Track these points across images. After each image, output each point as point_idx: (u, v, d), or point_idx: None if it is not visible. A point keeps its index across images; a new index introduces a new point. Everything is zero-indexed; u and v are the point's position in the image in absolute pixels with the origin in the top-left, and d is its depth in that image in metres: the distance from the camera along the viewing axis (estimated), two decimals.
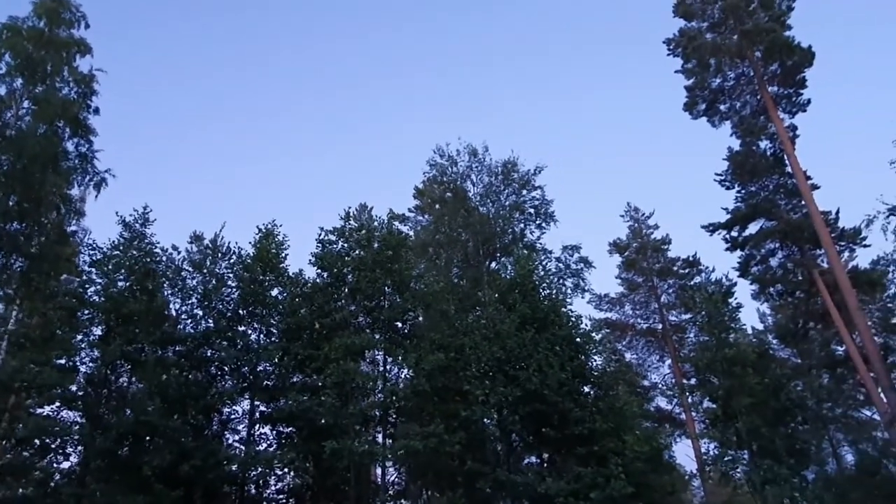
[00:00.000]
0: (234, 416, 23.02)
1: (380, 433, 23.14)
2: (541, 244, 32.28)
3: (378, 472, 23.77)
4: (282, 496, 22.99)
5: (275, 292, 24.54)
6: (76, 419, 20.29)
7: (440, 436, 19.81)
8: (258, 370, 22.99)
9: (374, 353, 24.83)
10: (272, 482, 22.65)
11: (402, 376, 23.76)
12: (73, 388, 20.36)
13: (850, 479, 26.06)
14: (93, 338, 21.20)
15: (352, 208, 26.06)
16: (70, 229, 24.48)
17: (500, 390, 21.24)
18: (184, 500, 18.81)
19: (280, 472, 22.23)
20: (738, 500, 26.49)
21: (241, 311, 23.56)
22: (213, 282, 23.79)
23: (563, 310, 24.12)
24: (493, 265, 30.83)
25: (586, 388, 22.95)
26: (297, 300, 24.44)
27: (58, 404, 20.00)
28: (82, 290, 21.84)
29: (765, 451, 21.46)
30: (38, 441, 19.30)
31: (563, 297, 25.62)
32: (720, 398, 22.72)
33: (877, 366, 24.13)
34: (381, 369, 23.91)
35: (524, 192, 32.87)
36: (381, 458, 21.34)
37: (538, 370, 21.26)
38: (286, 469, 21.78)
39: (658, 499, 21.57)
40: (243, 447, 21.82)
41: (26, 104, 22.15)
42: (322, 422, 20.99)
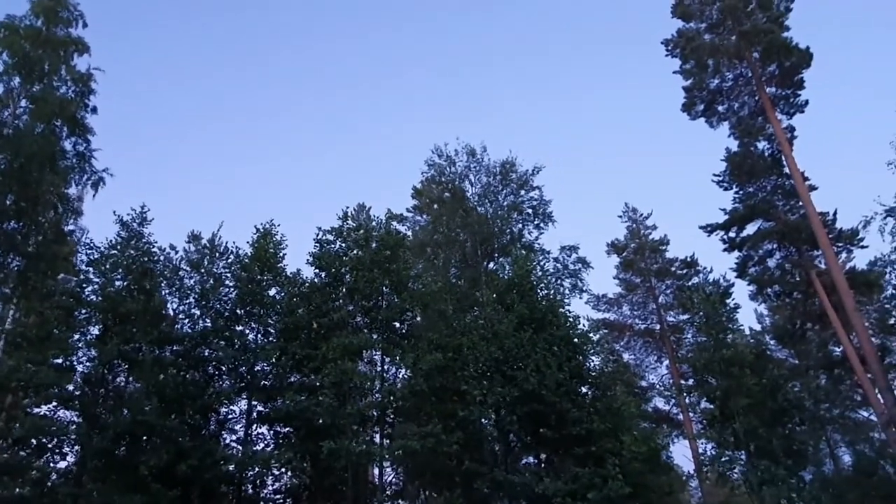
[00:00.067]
0: (231, 416, 23.01)
1: (377, 433, 23.10)
2: (539, 244, 32.40)
3: (376, 472, 23.74)
4: (279, 496, 22.92)
5: (272, 292, 24.52)
6: (73, 419, 20.26)
7: (438, 436, 19.82)
8: (256, 370, 22.95)
9: (372, 352, 24.76)
10: (269, 482, 22.59)
11: (400, 376, 23.76)
12: (70, 387, 20.30)
13: (848, 480, 26.07)
14: (90, 337, 21.15)
15: (350, 208, 26.11)
16: (67, 228, 24.41)
17: (497, 390, 21.26)
18: (181, 499, 18.77)
19: (277, 472, 22.14)
20: (736, 500, 26.51)
21: (238, 311, 23.53)
22: (211, 281, 23.73)
23: (561, 310, 24.13)
24: (491, 265, 30.84)
25: (584, 389, 22.95)
26: (295, 300, 24.42)
27: (55, 404, 19.97)
28: (79, 290, 21.79)
29: (762, 452, 21.47)
30: (34, 440, 19.22)
31: (560, 297, 25.70)
32: (718, 399, 22.73)
33: (874, 367, 24.20)
34: (379, 369, 23.87)
35: (522, 192, 32.94)
36: (379, 458, 21.31)
37: (536, 370, 21.27)
38: (283, 469, 21.71)
39: (655, 499, 21.59)
40: (240, 447, 21.79)
41: (23, 103, 22.09)
42: (320, 422, 20.94)
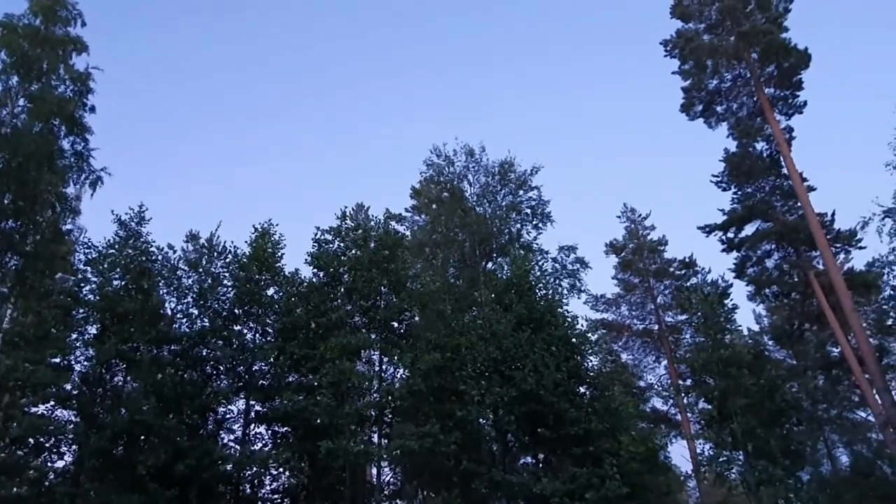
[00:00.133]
0: (229, 416, 22.99)
1: (375, 433, 23.10)
2: (537, 244, 32.45)
3: (374, 472, 23.76)
4: (277, 496, 22.91)
5: (271, 292, 24.46)
6: (71, 418, 20.23)
7: (436, 436, 19.82)
8: (254, 369, 22.93)
9: (370, 352, 24.79)
10: (267, 482, 22.57)
11: (398, 376, 23.78)
12: (68, 386, 20.24)
13: (845, 481, 26.08)
14: (88, 336, 21.10)
15: (348, 208, 26.07)
16: (65, 228, 24.42)
17: (495, 390, 21.26)
18: (178, 499, 18.77)
19: (275, 472, 22.13)
20: (733, 501, 26.52)
21: (236, 311, 23.49)
22: (209, 281, 23.70)
23: (560, 310, 24.13)
24: (489, 265, 30.85)
25: (582, 389, 22.96)
26: (293, 300, 24.39)
27: (52, 403, 19.90)
28: (77, 289, 21.76)
29: (760, 452, 21.48)
30: (32, 440, 19.19)
31: (559, 297, 25.71)
32: (716, 399, 22.74)
33: (872, 367, 24.23)
34: (377, 369, 23.86)
35: (521, 192, 32.99)
36: (377, 457, 21.31)
37: (534, 370, 21.28)
38: (281, 469, 21.69)
39: (653, 499, 21.59)
40: (238, 447, 21.76)
41: (22, 102, 22.09)
42: (318, 421, 20.92)
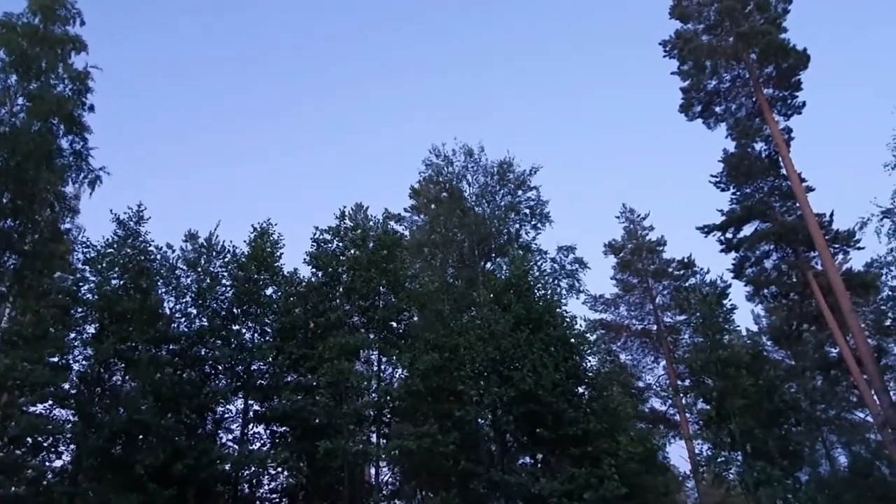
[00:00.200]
0: (227, 415, 22.94)
1: (374, 433, 23.11)
2: (536, 245, 32.47)
3: (372, 472, 23.74)
4: (275, 496, 22.92)
5: (269, 291, 24.43)
6: (69, 417, 20.17)
7: (434, 436, 19.80)
8: (252, 369, 22.89)
9: (369, 352, 24.75)
10: (265, 481, 22.58)
11: (397, 376, 23.73)
12: (66, 386, 20.17)
13: (843, 481, 26.15)
14: (86, 336, 21.04)
15: (347, 207, 26.04)
16: (64, 227, 24.47)
17: (494, 390, 21.26)
18: (176, 499, 18.74)
19: (273, 472, 22.12)
20: (732, 501, 26.57)
21: (235, 310, 23.46)
22: (208, 280, 23.64)
23: (558, 310, 24.11)
24: (488, 265, 30.85)
25: (580, 389, 22.96)
26: (292, 299, 24.37)
27: (50, 402, 19.85)
28: (76, 288, 21.69)
29: (758, 453, 21.52)
30: (30, 439, 19.15)
31: (557, 297, 25.67)
32: (714, 399, 22.78)
33: (870, 368, 24.27)
34: (376, 369, 23.83)
35: (520, 192, 33.00)
36: (375, 457, 21.32)
37: (532, 371, 21.27)
38: (280, 468, 21.68)
39: (651, 499, 21.59)
40: (237, 446, 21.72)
41: (20, 101, 22.11)
42: (316, 421, 20.89)
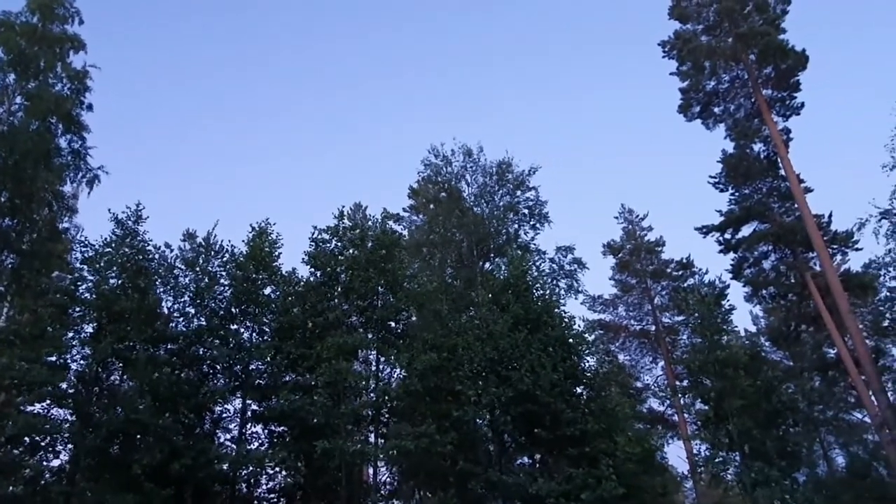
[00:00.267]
0: (225, 415, 22.91)
1: (372, 433, 23.08)
2: (534, 245, 32.48)
3: (370, 472, 23.73)
4: (273, 495, 22.91)
5: (268, 291, 24.39)
6: (66, 417, 20.11)
7: (432, 436, 19.79)
8: (250, 369, 22.87)
9: (367, 352, 24.72)
10: (263, 481, 22.58)
11: (395, 376, 23.67)
12: (64, 385, 20.13)
13: (841, 482, 26.21)
14: (84, 335, 20.99)
15: (346, 207, 26.11)
16: (62, 226, 24.39)
17: (492, 391, 21.26)
18: (174, 498, 18.70)
19: (271, 472, 22.12)
20: (729, 501, 26.62)
21: (233, 310, 23.42)
22: (206, 280, 23.61)
23: (557, 311, 24.12)
24: (486, 265, 30.85)
25: (579, 389, 22.95)
26: (290, 299, 24.35)
27: (48, 402, 19.77)
28: (74, 288, 21.66)
29: (756, 453, 21.54)
30: (27, 439, 19.08)
31: (556, 297, 25.64)
32: (712, 400, 22.80)
33: (867, 369, 24.29)
34: (374, 369, 23.81)
35: (518, 192, 33.01)
36: (373, 457, 21.29)
37: (531, 371, 21.27)
38: (277, 468, 21.67)
39: (649, 500, 21.60)
40: (234, 446, 21.68)
41: (19, 100, 22.05)
42: (314, 421, 20.86)
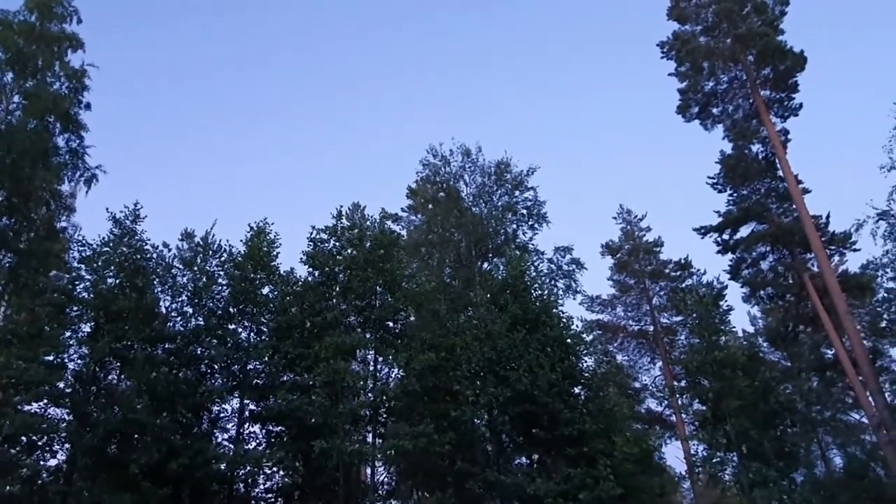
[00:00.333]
0: (223, 415, 22.84)
1: (370, 433, 23.06)
2: (533, 245, 32.47)
3: (368, 471, 23.70)
4: (270, 495, 22.86)
5: (266, 290, 24.38)
6: (64, 416, 20.07)
7: (430, 436, 19.76)
8: (248, 368, 22.85)
9: (365, 352, 24.72)
10: (261, 481, 22.51)
11: (393, 376, 23.68)
12: (61, 385, 20.12)
13: (839, 482, 26.19)
14: (81, 335, 20.95)
15: (344, 207, 26.06)
16: (60, 225, 24.43)
17: (490, 391, 21.25)
18: (171, 498, 18.67)
19: (269, 471, 22.06)
20: (727, 502, 26.63)
21: (231, 309, 23.39)
22: (204, 279, 23.57)
23: (555, 311, 24.12)
24: (485, 265, 30.85)
25: (577, 390, 22.96)
26: (288, 299, 24.33)
27: (45, 401, 19.73)
28: (71, 287, 21.59)
29: (753, 454, 21.54)
30: (24, 438, 19.04)
31: (554, 298, 25.64)
32: (710, 400, 22.79)
33: (865, 369, 24.32)
34: (372, 369, 23.82)
35: (517, 192, 33.02)
36: (371, 457, 21.27)
37: (529, 371, 21.26)
38: (275, 468, 21.62)
39: (647, 500, 21.59)
40: (232, 446, 21.67)
41: (16, 99, 22.07)
42: (312, 421, 20.86)
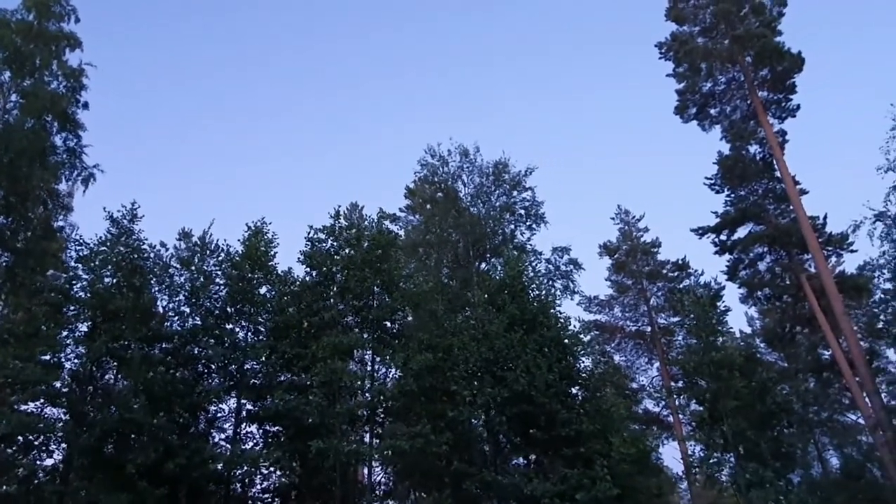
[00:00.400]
0: (220, 415, 22.80)
1: (367, 433, 23.06)
2: (531, 245, 32.44)
3: (365, 472, 23.70)
4: (267, 495, 22.82)
5: (263, 290, 24.35)
6: (60, 416, 20.02)
7: (427, 436, 19.78)
8: (245, 368, 22.80)
9: (363, 352, 24.73)
10: (258, 481, 22.47)
11: (390, 376, 23.70)
12: (58, 384, 20.04)
13: (835, 483, 26.20)
14: (78, 334, 20.91)
15: (342, 207, 26.02)
16: (57, 224, 24.41)
17: (487, 391, 21.25)
18: (168, 498, 18.64)
19: (266, 471, 22.02)
20: (724, 502, 26.64)
21: (228, 309, 23.35)
22: (201, 279, 23.53)
23: (552, 311, 24.11)
24: (482, 266, 30.85)
25: (574, 390, 22.96)
26: (286, 298, 24.28)
27: (42, 401, 19.69)
28: (68, 286, 21.55)
29: (750, 454, 21.55)
30: (21, 438, 18.99)
31: (552, 298, 25.64)
32: (707, 401, 22.79)
33: (862, 370, 24.38)
34: (369, 369, 23.83)
35: (515, 193, 33.01)
36: (368, 457, 21.29)
37: (526, 371, 21.26)
38: (272, 468, 21.60)
39: (644, 500, 21.64)
40: (229, 445, 21.65)
41: (14, 97, 22.05)
42: (309, 421, 20.81)
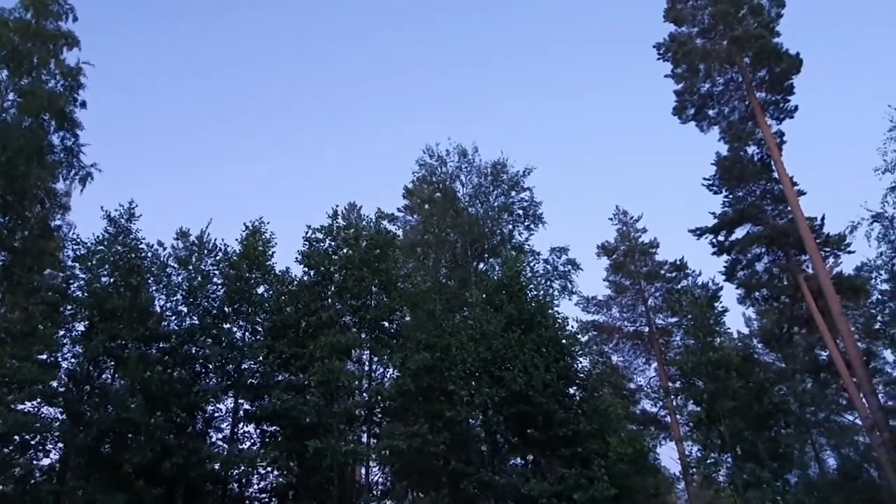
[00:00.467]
0: (217, 414, 22.76)
1: (364, 433, 23.02)
2: (529, 245, 32.47)
3: (362, 471, 23.68)
4: (265, 495, 22.78)
5: (261, 290, 24.31)
6: (57, 415, 20.01)
7: (425, 436, 19.77)
8: (243, 368, 22.77)
9: (360, 352, 24.71)
10: (255, 481, 22.42)
11: (388, 376, 23.69)
12: (55, 384, 20.01)
13: (832, 484, 26.27)
14: (75, 333, 20.88)
15: (340, 207, 26.01)
16: (54, 224, 24.37)
17: (485, 391, 21.24)
18: (165, 498, 18.62)
19: (263, 471, 22.00)
20: (721, 502, 26.66)
21: (226, 309, 23.33)
22: (199, 279, 23.49)
23: (550, 311, 24.11)
24: (480, 266, 30.87)
25: (571, 390, 22.96)
26: (284, 298, 24.26)
27: (38, 400, 19.67)
28: (65, 285, 21.53)
29: (748, 455, 21.58)
30: (17, 437, 18.95)
31: (550, 298, 25.66)
32: (704, 401, 22.83)
33: (859, 371, 24.43)
34: (367, 369, 23.81)
35: (513, 193, 33.04)
36: (366, 457, 21.25)
37: (524, 371, 21.27)
38: (269, 468, 21.60)
39: (641, 500, 21.61)
40: (226, 445, 21.60)
41: (11, 96, 22.01)
42: (306, 421, 20.82)
